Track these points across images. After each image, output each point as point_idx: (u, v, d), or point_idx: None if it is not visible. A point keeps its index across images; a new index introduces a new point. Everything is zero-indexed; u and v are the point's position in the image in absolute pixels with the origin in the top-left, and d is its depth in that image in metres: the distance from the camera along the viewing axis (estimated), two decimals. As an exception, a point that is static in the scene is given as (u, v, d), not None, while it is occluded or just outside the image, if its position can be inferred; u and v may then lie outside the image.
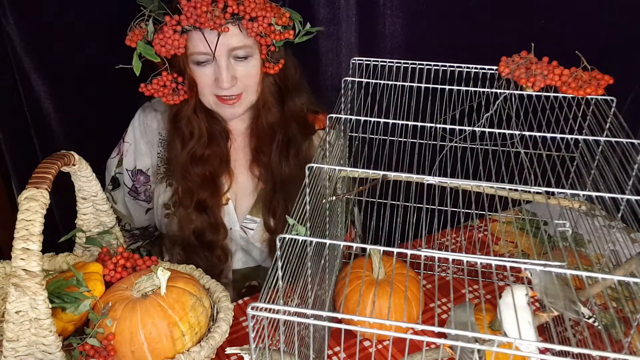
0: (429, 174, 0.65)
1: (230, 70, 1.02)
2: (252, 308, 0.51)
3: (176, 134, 1.11)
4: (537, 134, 0.75)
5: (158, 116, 1.16)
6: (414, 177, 0.66)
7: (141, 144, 1.17)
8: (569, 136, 0.75)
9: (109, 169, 1.21)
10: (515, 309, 0.58)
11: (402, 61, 0.92)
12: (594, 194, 0.66)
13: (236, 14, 0.96)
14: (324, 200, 0.76)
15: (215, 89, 1.04)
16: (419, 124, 0.76)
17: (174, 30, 0.95)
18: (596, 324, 0.76)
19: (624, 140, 0.75)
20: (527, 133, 0.75)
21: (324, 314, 0.51)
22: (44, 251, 0.72)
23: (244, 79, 1.04)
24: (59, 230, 1.39)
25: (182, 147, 1.10)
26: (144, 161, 1.18)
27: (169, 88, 1.02)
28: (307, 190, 0.66)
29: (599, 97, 0.86)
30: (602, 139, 0.77)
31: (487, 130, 0.75)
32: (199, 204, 1.12)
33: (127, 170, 1.18)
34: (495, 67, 0.91)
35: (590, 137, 0.77)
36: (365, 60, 0.93)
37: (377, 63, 0.93)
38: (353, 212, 1.31)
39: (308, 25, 1.03)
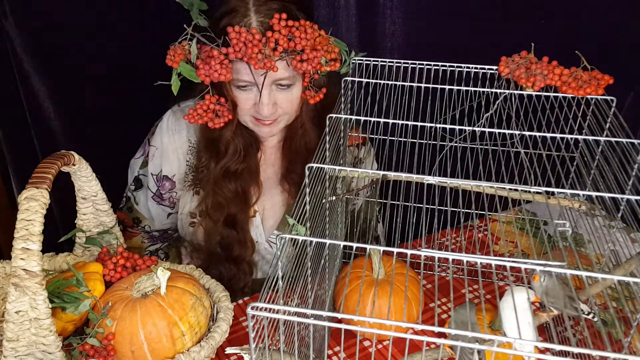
0: (429, 174, 0.65)
1: (272, 99, 1.01)
2: (252, 308, 0.51)
3: (211, 148, 1.09)
4: (537, 134, 0.75)
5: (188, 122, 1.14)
6: (414, 177, 0.66)
7: (169, 150, 1.14)
8: (569, 136, 0.75)
9: (132, 169, 1.19)
10: (516, 309, 0.58)
11: (402, 61, 0.92)
12: (594, 194, 0.66)
13: (286, 50, 0.92)
14: (324, 200, 0.76)
15: (255, 112, 1.03)
16: (419, 124, 0.76)
17: (221, 62, 0.91)
18: (595, 319, 0.76)
19: (624, 140, 0.75)
20: (527, 133, 0.75)
21: (324, 313, 0.51)
22: (44, 251, 0.72)
23: (284, 105, 1.03)
24: (59, 230, 1.39)
25: (217, 162, 1.09)
26: (171, 167, 1.15)
27: (212, 111, 0.99)
28: (307, 190, 0.66)
29: (599, 97, 0.86)
30: (602, 138, 0.77)
31: (487, 130, 0.75)
32: (229, 218, 1.11)
33: (152, 174, 1.16)
34: (495, 67, 0.91)
35: (590, 137, 0.77)
36: (365, 60, 0.93)
37: (377, 63, 0.93)
38: (377, 229, 1.30)
39: (353, 54, 1.00)
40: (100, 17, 1.28)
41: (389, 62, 0.92)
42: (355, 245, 0.59)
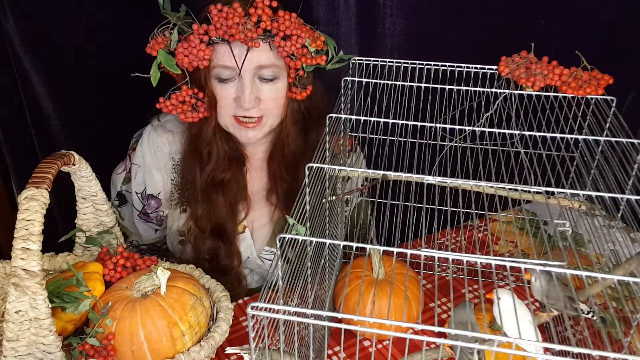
0: (429, 174, 0.65)
1: (254, 91, 0.96)
2: (252, 308, 0.51)
3: (194, 155, 1.06)
4: (537, 134, 0.75)
5: (170, 138, 1.10)
6: (414, 177, 0.66)
7: (153, 169, 1.11)
8: (569, 136, 0.75)
9: (115, 184, 1.16)
10: (516, 309, 0.58)
11: (402, 61, 0.92)
12: (594, 193, 0.66)
13: (268, 31, 0.91)
14: (323, 200, 0.76)
15: (235, 109, 0.98)
16: (419, 123, 0.76)
17: (201, 39, 0.90)
18: (595, 317, 0.76)
19: (624, 140, 0.75)
20: (527, 133, 0.75)
21: (324, 313, 0.51)
22: (44, 251, 0.72)
23: (267, 102, 0.99)
24: (59, 230, 1.39)
25: (201, 170, 1.05)
26: (155, 186, 1.12)
27: (188, 104, 0.96)
28: (307, 190, 0.66)
29: (599, 97, 0.86)
30: (602, 138, 0.77)
31: (487, 130, 0.75)
32: (216, 229, 1.09)
33: (136, 192, 1.13)
34: (495, 67, 0.91)
35: (590, 137, 0.77)
36: (365, 60, 0.93)
37: (377, 63, 0.93)
38: (371, 231, 1.29)
39: (341, 53, 0.98)
40: (101, 18, 1.28)
41: (389, 62, 0.92)
42: (355, 245, 0.59)
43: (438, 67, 0.92)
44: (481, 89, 0.86)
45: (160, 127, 1.11)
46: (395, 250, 0.57)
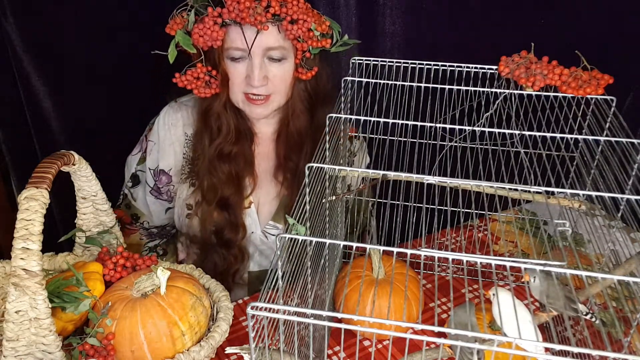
0: (429, 174, 0.65)
1: (263, 70, 1.03)
2: (252, 308, 0.51)
3: (205, 128, 1.11)
4: (537, 134, 0.75)
5: (184, 113, 1.16)
6: (414, 177, 0.66)
7: (166, 143, 1.16)
8: (569, 136, 0.75)
9: (129, 166, 1.20)
10: (515, 309, 0.58)
11: (402, 61, 0.92)
12: (594, 193, 0.66)
13: (277, 15, 0.98)
14: (323, 200, 0.76)
15: (246, 86, 1.05)
16: (419, 123, 0.76)
17: (215, 21, 0.97)
18: (594, 319, 0.76)
19: (624, 140, 0.75)
20: (527, 133, 0.75)
21: (324, 313, 0.51)
22: (43, 251, 0.72)
23: (275, 81, 1.05)
24: (59, 230, 1.39)
25: (210, 142, 1.11)
26: (167, 161, 1.17)
27: (202, 80, 1.03)
28: (307, 190, 0.66)
29: (598, 97, 0.86)
30: (602, 138, 0.77)
31: (487, 130, 0.75)
32: (222, 201, 1.13)
33: (149, 169, 1.18)
34: (495, 67, 0.91)
35: (590, 137, 0.77)
36: (365, 60, 0.93)
37: (377, 63, 0.93)
38: (371, 224, 1.31)
39: (346, 37, 1.04)
40: (100, 18, 1.28)
41: (389, 62, 0.92)
42: (355, 245, 0.59)
43: (438, 67, 0.92)
44: (481, 89, 0.86)
45: (176, 104, 1.17)
46: (395, 250, 0.57)
